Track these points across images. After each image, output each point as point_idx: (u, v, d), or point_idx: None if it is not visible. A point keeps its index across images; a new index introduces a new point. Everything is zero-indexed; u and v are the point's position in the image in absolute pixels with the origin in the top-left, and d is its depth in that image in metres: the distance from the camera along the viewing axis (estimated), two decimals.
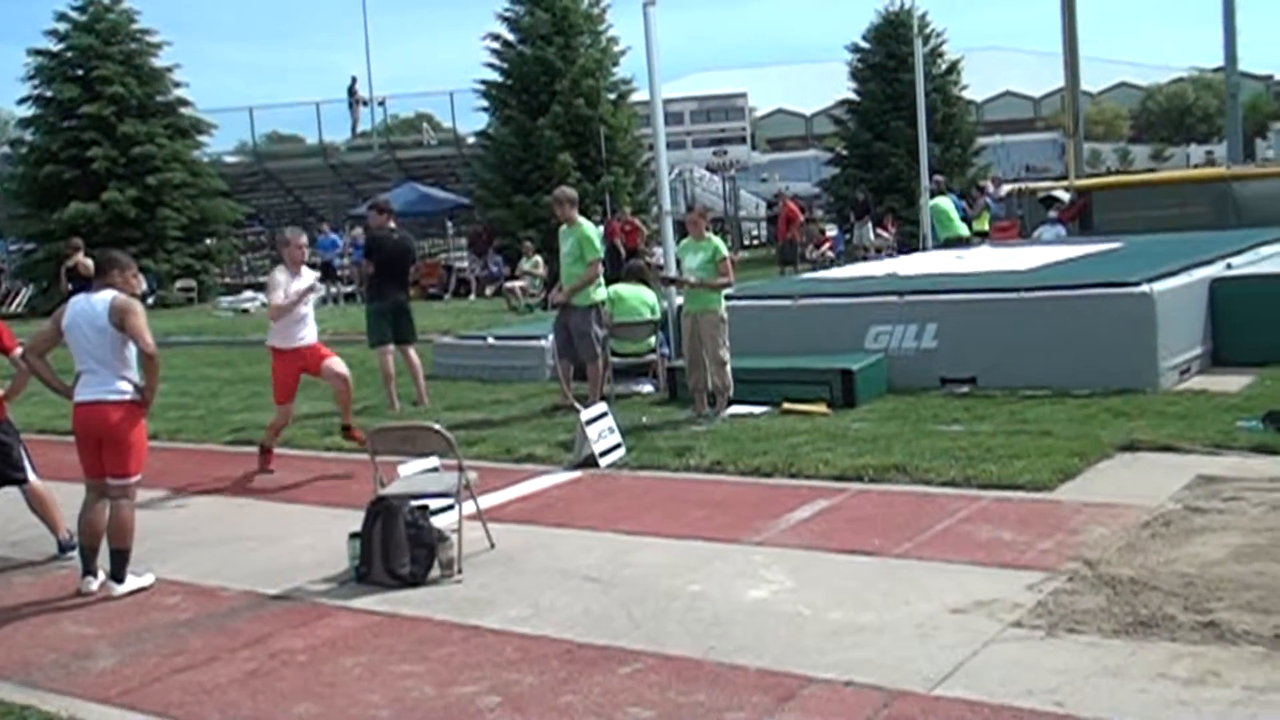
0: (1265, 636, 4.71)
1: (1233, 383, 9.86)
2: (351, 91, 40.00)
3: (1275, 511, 6.32)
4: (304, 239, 9.61)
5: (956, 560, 6.01)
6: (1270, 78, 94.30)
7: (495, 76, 31.33)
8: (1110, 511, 6.57)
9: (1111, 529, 6.26)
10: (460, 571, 6.41)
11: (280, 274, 9.31)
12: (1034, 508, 6.82)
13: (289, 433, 10.91)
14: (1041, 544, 6.13)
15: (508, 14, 30.94)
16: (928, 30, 31.98)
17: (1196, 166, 46.93)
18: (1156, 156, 74.74)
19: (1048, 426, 8.66)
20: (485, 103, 31.69)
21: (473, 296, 27.12)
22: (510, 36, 31.03)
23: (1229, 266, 11.77)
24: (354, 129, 40.66)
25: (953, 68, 34.57)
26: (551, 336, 11.63)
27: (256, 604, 6.24)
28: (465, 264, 30.94)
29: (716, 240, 10.42)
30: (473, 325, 17.52)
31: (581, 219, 11.08)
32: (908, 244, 25.29)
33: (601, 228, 22.17)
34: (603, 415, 8.92)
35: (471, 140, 35.56)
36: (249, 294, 31.27)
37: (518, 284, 24.07)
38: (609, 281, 11.99)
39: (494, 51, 31.20)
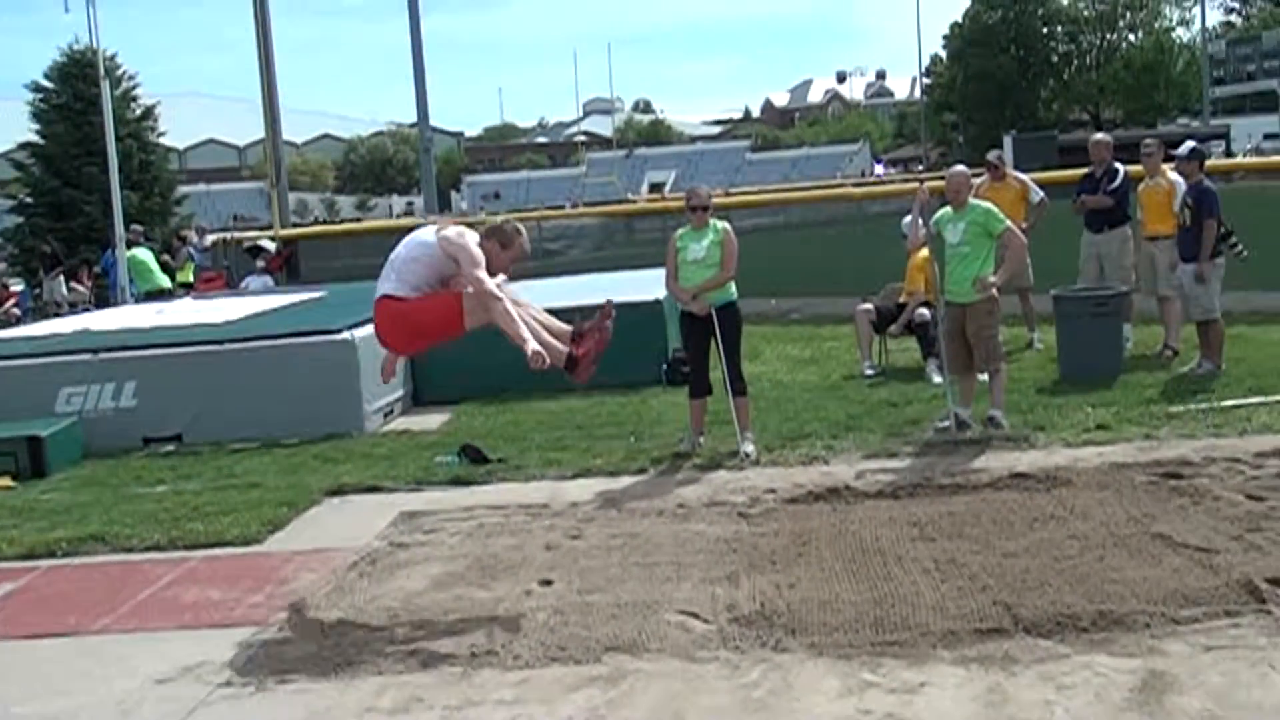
0: (463, 656, 5.01)
1: (433, 421, 10.48)
2: None
3: (470, 539, 6.79)
4: None
5: (162, 628, 5.70)
6: (461, 134, 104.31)
7: None
8: (320, 557, 6.63)
9: (321, 574, 6.31)
10: None
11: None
12: (244, 562, 6.69)
13: None
14: (252, 598, 6.02)
15: None
16: (119, 72, 30.67)
17: (400, 216, 50.33)
18: (361, 206, 78.94)
19: (257, 479, 8.58)
20: None
21: None
22: None
23: None
24: None
25: (149, 113, 33.46)
26: None
27: None
28: None
29: None
30: None
31: None
32: (106, 298, 23.91)
33: None
34: None
35: None
36: None
37: None
38: None
39: None
